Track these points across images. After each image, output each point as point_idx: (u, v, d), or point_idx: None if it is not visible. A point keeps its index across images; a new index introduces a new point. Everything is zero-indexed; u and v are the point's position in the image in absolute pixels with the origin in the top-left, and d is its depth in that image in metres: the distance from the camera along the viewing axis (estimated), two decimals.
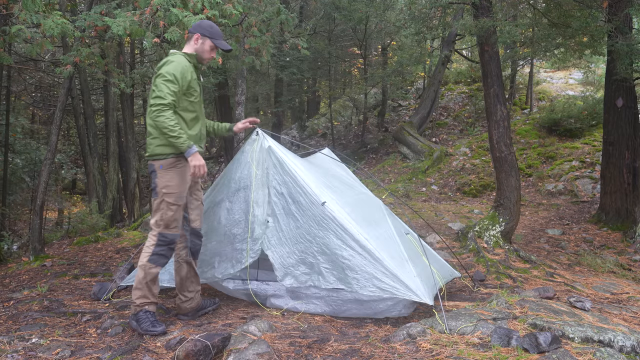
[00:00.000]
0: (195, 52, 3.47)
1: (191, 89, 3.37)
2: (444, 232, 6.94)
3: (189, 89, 3.36)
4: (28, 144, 12.95)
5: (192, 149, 3.20)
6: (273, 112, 16.91)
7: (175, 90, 3.24)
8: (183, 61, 3.35)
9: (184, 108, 3.37)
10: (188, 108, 3.39)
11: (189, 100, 3.38)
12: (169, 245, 3.35)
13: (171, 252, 3.39)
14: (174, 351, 2.83)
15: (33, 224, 7.01)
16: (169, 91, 3.20)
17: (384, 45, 17.41)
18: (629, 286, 5.11)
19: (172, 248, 3.38)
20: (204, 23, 3.52)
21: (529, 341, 2.66)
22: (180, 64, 3.31)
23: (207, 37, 3.45)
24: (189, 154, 3.19)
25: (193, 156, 3.20)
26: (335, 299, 3.58)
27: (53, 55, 13.37)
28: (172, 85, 3.23)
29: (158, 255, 3.32)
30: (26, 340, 3.15)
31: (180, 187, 3.34)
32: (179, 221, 3.38)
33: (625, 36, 6.61)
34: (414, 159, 13.38)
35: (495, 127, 6.19)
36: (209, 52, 3.50)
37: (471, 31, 6.48)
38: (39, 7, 4.54)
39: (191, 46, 3.48)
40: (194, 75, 3.41)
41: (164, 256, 3.34)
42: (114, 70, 7.42)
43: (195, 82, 3.40)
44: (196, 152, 3.21)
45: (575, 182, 10.76)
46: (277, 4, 6.20)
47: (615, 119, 7.85)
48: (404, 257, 3.58)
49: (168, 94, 3.20)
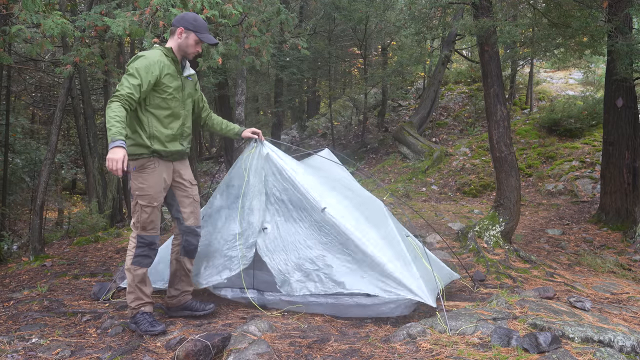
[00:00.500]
0: (177, 47, 3.33)
1: (163, 85, 3.23)
2: (444, 232, 6.94)
3: (160, 84, 3.22)
4: (28, 144, 12.96)
5: (115, 142, 2.88)
6: (273, 112, 16.91)
7: (135, 84, 3.10)
8: (154, 56, 3.22)
9: (156, 105, 3.25)
10: (160, 105, 3.26)
11: (161, 97, 3.25)
12: (150, 246, 3.30)
13: (153, 252, 3.35)
14: (174, 351, 2.83)
15: (33, 224, 7.02)
16: (127, 84, 3.09)
17: (384, 45, 17.42)
18: (629, 286, 5.11)
19: (153, 248, 3.33)
20: (188, 16, 3.34)
21: (529, 341, 2.66)
22: (148, 59, 3.18)
23: (191, 31, 3.29)
24: (110, 146, 2.89)
25: (112, 149, 2.87)
26: (337, 304, 3.55)
27: (53, 55, 13.37)
28: (132, 79, 3.11)
29: (140, 256, 3.28)
30: (26, 340, 3.15)
31: (153, 188, 3.25)
32: (155, 222, 3.31)
33: (625, 36, 6.61)
34: (414, 159, 13.38)
35: (495, 127, 6.19)
36: (194, 47, 3.35)
37: (471, 31, 6.48)
38: (39, 7, 4.54)
39: (174, 40, 3.34)
40: (169, 70, 3.26)
41: (146, 257, 3.30)
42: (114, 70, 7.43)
43: (169, 78, 3.25)
44: (117, 146, 2.88)
45: (575, 182, 10.77)
46: (277, 4, 6.20)
47: (615, 119, 7.85)
48: (407, 258, 3.58)
49: (126, 86, 3.08)
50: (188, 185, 3.51)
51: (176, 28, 3.32)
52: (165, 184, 3.36)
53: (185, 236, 3.51)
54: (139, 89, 3.13)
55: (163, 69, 3.23)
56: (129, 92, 3.09)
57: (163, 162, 3.32)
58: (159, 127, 3.27)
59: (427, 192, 11.51)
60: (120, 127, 2.96)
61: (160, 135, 3.27)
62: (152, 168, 3.27)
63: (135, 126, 3.25)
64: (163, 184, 3.33)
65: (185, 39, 3.31)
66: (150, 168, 3.27)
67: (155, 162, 3.28)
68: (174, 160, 3.41)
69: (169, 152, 3.32)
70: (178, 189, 3.48)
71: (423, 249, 4.03)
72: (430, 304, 3.26)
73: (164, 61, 3.26)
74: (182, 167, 3.49)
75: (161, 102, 3.27)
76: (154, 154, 3.27)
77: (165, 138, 3.29)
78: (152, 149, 3.25)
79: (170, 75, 3.29)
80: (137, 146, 3.24)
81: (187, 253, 3.54)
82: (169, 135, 3.31)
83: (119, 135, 2.92)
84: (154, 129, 3.26)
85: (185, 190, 3.49)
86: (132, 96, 3.10)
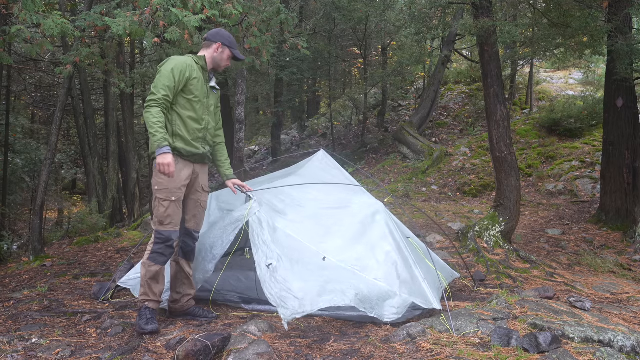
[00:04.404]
0: (212, 59, 3.52)
1: (190, 87, 3.37)
2: (444, 232, 6.94)
3: (188, 86, 3.36)
4: (28, 144, 12.96)
5: (162, 149, 3.14)
6: (273, 112, 16.90)
7: (169, 85, 3.26)
8: (186, 60, 3.38)
9: (182, 105, 3.37)
10: (185, 106, 3.38)
11: (187, 98, 3.37)
12: (166, 243, 3.33)
13: (169, 251, 3.36)
14: (174, 351, 2.83)
15: (33, 224, 7.02)
16: (162, 85, 3.24)
17: (384, 45, 17.41)
18: (629, 286, 5.11)
19: (169, 246, 3.35)
20: (224, 33, 3.58)
21: (529, 341, 2.66)
22: (180, 62, 3.34)
23: (227, 47, 3.52)
24: (158, 152, 3.15)
25: (160, 155, 3.14)
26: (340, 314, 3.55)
27: (53, 55, 13.37)
28: (166, 80, 3.26)
29: (156, 253, 3.32)
30: (26, 340, 3.15)
31: (171, 182, 3.31)
32: (173, 217, 3.34)
33: (625, 36, 6.61)
34: (414, 159, 13.38)
35: (495, 127, 6.19)
36: (226, 61, 3.57)
37: (471, 31, 6.49)
38: (39, 7, 4.54)
39: (209, 53, 3.52)
40: (197, 75, 3.41)
41: (162, 254, 3.33)
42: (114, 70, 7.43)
43: (196, 82, 3.40)
44: (165, 152, 3.14)
45: (575, 182, 10.77)
46: (277, 4, 6.19)
47: (615, 119, 7.85)
48: (410, 262, 3.57)
49: (161, 88, 3.24)
50: (200, 190, 3.56)
51: (213, 43, 3.53)
52: (185, 181, 3.40)
53: (183, 237, 3.53)
54: (173, 90, 3.30)
55: (192, 73, 3.39)
56: (165, 94, 3.26)
57: (183, 160, 3.39)
58: (181, 127, 3.38)
59: (427, 192, 11.51)
60: (164, 132, 3.19)
61: (183, 135, 3.37)
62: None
63: None
64: (182, 179, 3.38)
65: (221, 53, 3.53)
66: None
67: (176, 158, 3.34)
68: (194, 162, 3.48)
69: (189, 152, 3.40)
70: (189, 191, 3.52)
71: (426, 249, 4.02)
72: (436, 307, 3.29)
73: (194, 66, 3.42)
74: (201, 171, 3.57)
75: (186, 103, 3.39)
76: (175, 152, 3.34)
77: (187, 138, 3.38)
78: (173, 146, 3.32)
79: (198, 81, 3.42)
80: None
81: (185, 255, 3.56)
82: (190, 136, 3.40)
83: (164, 142, 3.16)
84: (177, 127, 3.37)
85: (196, 193, 3.55)
86: (168, 98, 3.28)
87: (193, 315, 3.60)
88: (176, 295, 3.58)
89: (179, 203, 3.38)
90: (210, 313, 3.64)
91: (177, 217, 3.38)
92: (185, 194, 3.47)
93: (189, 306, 3.61)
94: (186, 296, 3.59)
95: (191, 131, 3.40)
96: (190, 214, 3.54)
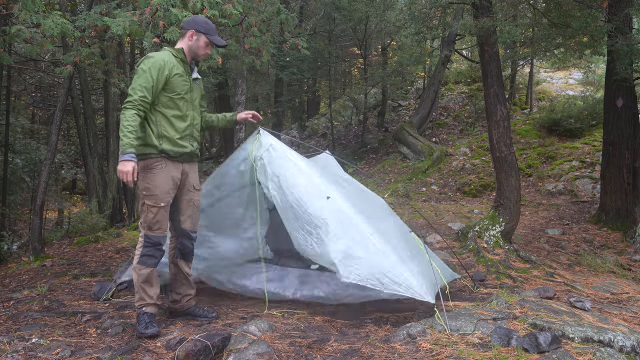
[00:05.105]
0: (188, 49, 3.38)
1: (172, 84, 3.26)
2: (444, 232, 6.94)
3: (169, 84, 3.25)
4: (28, 144, 12.96)
5: (124, 156, 2.99)
6: (273, 112, 16.91)
7: (146, 85, 3.14)
8: (164, 56, 3.26)
9: (164, 104, 3.27)
10: (168, 104, 3.28)
11: (169, 96, 3.27)
12: (156, 247, 3.29)
13: (159, 253, 3.33)
14: (174, 351, 2.83)
15: (33, 224, 7.02)
16: (139, 86, 3.13)
17: (384, 45, 17.42)
18: (629, 286, 5.11)
19: (159, 249, 3.32)
20: (199, 19, 3.43)
21: (529, 341, 2.66)
22: (157, 59, 3.21)
23: (202, 33, 3.36)
24: (120, 158, 3.00)
25: (121, 162, 2.99)
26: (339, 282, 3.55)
27: (53, 55, 13.37)
28: (143, 80, 3.14)
29: (146, 256, 3.28)
30: (26, 340, 3.15)
31: (159, 188, 3.25)
32: (162, 223, 3.30)
33: (625, 36, 6.61)
34: (414, 159, 13.38)
35: (495, 127, 6.19)
36: (204, 48, 3.41)
37: (471, 31, 6.49)
38: (39, 7, 4.54)
39: (184, 42, 3.39)
40: (178, 70, 3.30)
41: (152, 257, 3.29)
42: (114, 70, 7.43)
43: (178, 78, 3.29)
44: (126, 160, 2.98)
45: (575, 182, 10.77)
46: (277, 4, 6.19)
47: (615, 119, 7.85)
48: (407, 253, 3.57)
49: (138, 90, 3.12)
50: (191, 189, 3.50)
51: (187, 30, 3.38)
52: (174, 184, 3.34)
53: (180, 239, 3.52)
54: (151, 90, 3.17)
55: (172, 69, 3.27)
56: (142, 95, 3.13)
57: (172, 162, 3.32)
58: (167, 127, 3.28)
59: (427, 192, 11.51)
60: (132, 138, 3.03)
61: (169, 135, 3.28)
62: (160, 168, 3.27)
63: (144, 125, 3.25)
64: (171, 184, 3.31)
65: (196, 41, 3.38)
66: (158, 168, 3.26)
67: (163, 162, 3.28)
68: (183, 162, 3.41)
69: (177, 152, 3.32)
70: (181, 191, 3.47)
71: (424, 245, 4.03)
72: (428, 300, 3.21)
73: (173, 61, 3.29)
74: (191, 170, 3.49)
75: (169, 101, 3.28)
76: (162, 154, 3.27)
77: (174, 138, 3.29)
78: (160, 149, 3.25)
79: (179, 76, 3.31)
80: (145, 146, 3.24)
81: (183, 256, 3.55)
82: (177, 135, 3.31)
83: (129, 148, 3.01)
84: (162, 128, 3.27)
85: (188, 193, 3.49)
86: (145, 99, 3.15)
87: (193, 315, 3.59)
88: (176, 296, 3.57)
89: (167, 208, 3.33)
90: (211, 313, 3.63)
91: (165, 223, 3.33)
92: (177, 195, 3.42)
93: (189, 306, 3.61)
94: (186, 296, 3.59)
95: (177, 129, 3.31)
96: (186, 215, 3.49)
